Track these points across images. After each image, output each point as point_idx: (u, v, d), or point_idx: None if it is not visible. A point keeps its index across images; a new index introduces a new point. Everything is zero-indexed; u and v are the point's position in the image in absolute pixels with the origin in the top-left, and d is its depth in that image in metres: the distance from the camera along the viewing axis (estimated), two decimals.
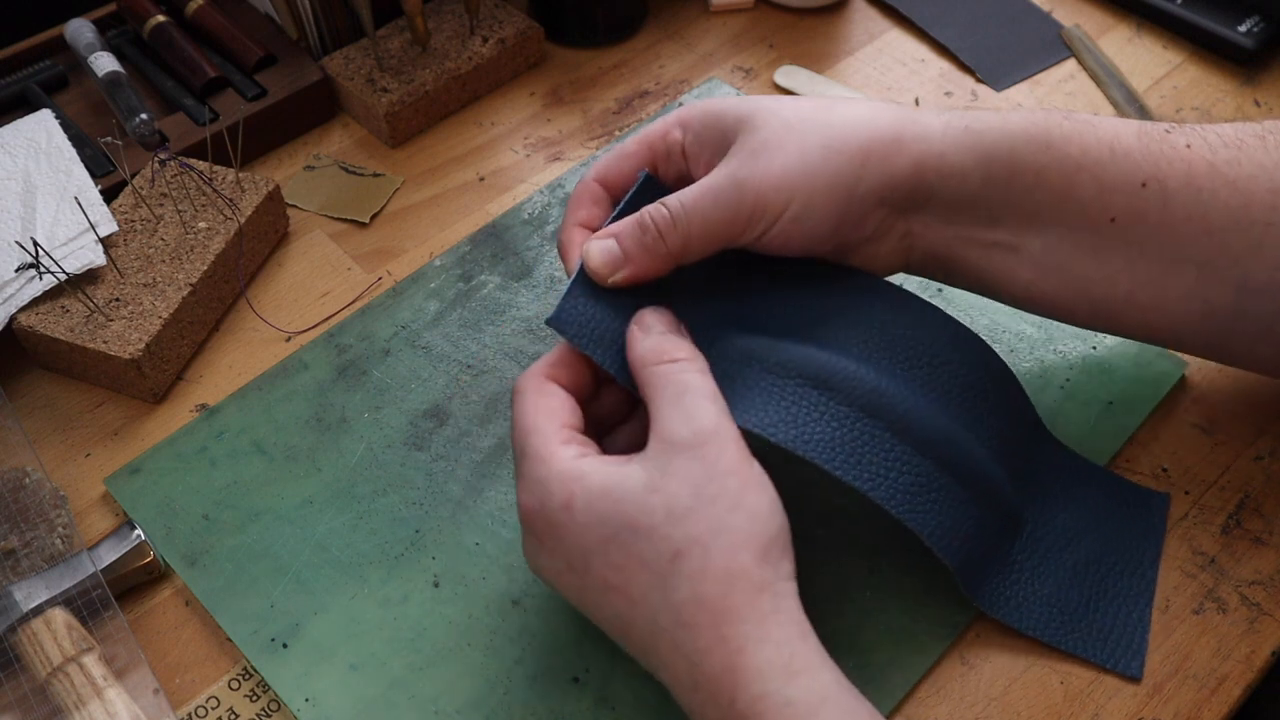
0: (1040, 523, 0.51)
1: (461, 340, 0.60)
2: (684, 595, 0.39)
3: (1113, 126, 0.48)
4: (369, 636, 0.49)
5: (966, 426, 0.48)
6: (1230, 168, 0.47)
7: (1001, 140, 0.47)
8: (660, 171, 0.51)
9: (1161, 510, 0.53)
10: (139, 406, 0.59)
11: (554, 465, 0.42)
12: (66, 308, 0.58)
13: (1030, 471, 0.52)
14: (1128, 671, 0.48)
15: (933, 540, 0.45)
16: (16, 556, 0.51)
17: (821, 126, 0.47)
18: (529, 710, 0.47)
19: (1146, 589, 0.50)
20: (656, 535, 0.40)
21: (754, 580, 0.39)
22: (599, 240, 0.47)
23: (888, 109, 0.49)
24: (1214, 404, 0.57)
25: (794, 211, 0.46)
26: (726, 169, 0.47)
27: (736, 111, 0.48)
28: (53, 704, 0.46)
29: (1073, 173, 0.47)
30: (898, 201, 0.48)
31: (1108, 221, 0.47)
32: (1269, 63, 0.76)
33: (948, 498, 0.46)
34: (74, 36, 0.72)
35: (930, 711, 0.47)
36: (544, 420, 0.43)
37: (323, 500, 0.54)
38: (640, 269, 0.46)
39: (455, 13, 0.75)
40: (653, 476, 0.41)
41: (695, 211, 0.46)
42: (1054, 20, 0.79)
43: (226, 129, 0.64)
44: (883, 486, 0.44)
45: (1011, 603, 0.49)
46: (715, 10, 0.80)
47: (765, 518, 0.40)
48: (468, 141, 0.72)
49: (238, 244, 0.61)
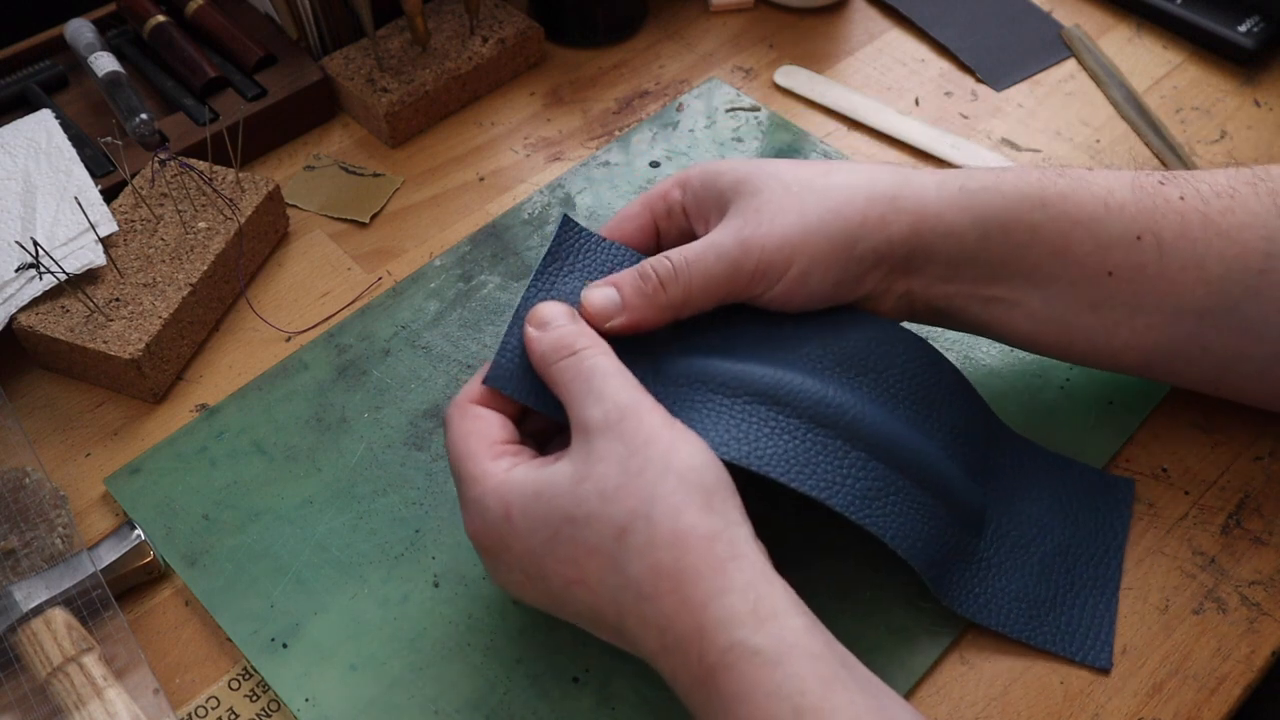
0: (1006, 518, 0.51)
1: (461, 340, 0.60)
2: (638, 569, 0.39)
3: (1106, 181, 0.49)
4: (369, 636, 0.49)
5: (919, 429, 0.49)
6: (1224, 217, 0.48)
7: (995, 200, 0.48)
8: (662, 230, 0.52)
9: (1127, 496, 0.53)
10: (139, 406, 0.59)
11: (487, 483, 0.43)
12: (66, 308, 0.58)
13: (991, 467, 0.52)
14: (1097, 663, 0.48)
15: (895, 543, 0.45)
16: (16, 556, 0.51)
17: (820, 191, 0.48)
18: (529, 710, 0.47)
19: (1112, 578, 0.50)
20: (595, 520, 0.40)
21: (702, 531, 0.39)
22: (598, 287, 0.47)
23: (884, 171, 0.50)
24: (1214, 404, 0.57)
25: (796, 271, 0.47)
26: (731, 226, 0.48)
27: (734, 173, 0.50)
28: (53, 704, 0.46)
29: (1068, 229, 0.48)
30: (896, 262, 0.49)
31: (1105, 275, 0.48)
32: (1269, 63, 0.76)
33: (906, 499, 0.46)
34: (74, 36, 0.72)
35: (930, 711, 0.47)
36: (473, 443, 0.44)
37: (323, 500, 0.54)
38: (637, 317, 0.47)
39: (455, 13, 0.75)
40: (578, 466, 0.41)
41: (698, 265, 0.47)
42: (1054, 20, 0.79)
43: (226, 129, 0.64)
44: (840, 494, 0.45)
45: (981, 599, 0.49)
46: (715, 10, 0.80)
47: (699, 471, 0.41)
48: (468, 141, 0.72)
49: (238, 244, 0.61)
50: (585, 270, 0.49)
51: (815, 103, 0.73)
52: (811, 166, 0.50)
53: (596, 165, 0.69)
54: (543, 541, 0.42)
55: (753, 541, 0.41)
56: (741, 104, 0.73)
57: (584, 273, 0.49)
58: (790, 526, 0.48)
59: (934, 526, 0.47)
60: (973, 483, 0.50)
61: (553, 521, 0.41)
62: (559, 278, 0.49)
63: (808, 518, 0.50)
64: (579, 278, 0.49)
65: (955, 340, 0.59)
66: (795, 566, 0.50)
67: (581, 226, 0.50)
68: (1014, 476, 0.52)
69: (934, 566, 0.47)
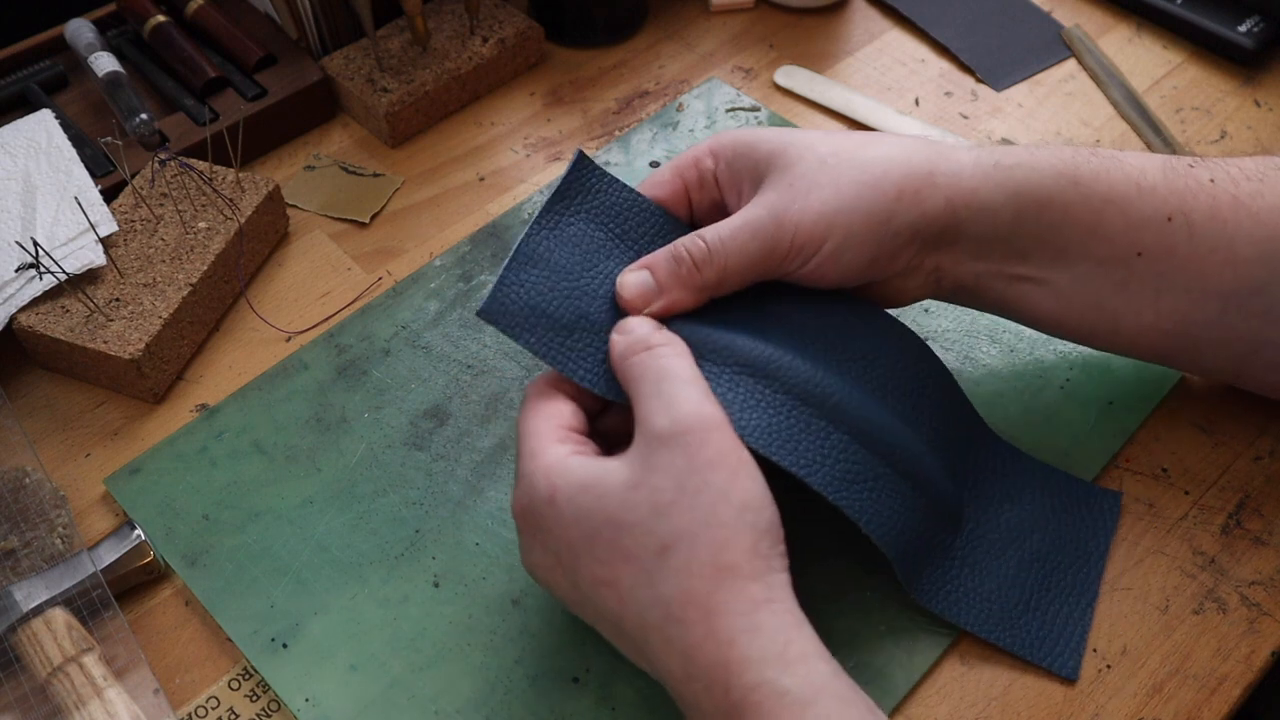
0: (984, 519, 0.51)
1: (461, 340, 0.60)
2: (671, 589, 0.39)
3: (1138, 162, 0.49)
4: (369, 636, 0.49)
5: (903, 420, 0.48)
6: (1253, 200, 0.48)
7: (1030, 177, 0.48)
8: (693, 199, 0.51)
9: (1113, 508, 0.52)
10: (139, 406, 0.59)
11: (540, 460, 0.43)
12: (66, 308, 0.58)
13: (971, 468, 0.52)
14: (1063, 672, 0.48)
15: (870, 528, 0.45)
16: (16, 556, 0.51)
17: (856, 163, 0.48)
18: (529, 710, 0.47)
19: (1089, 589, 0.50)
20: (640, 530, 0.40)
21: (743, 572, 0.39)
22: (633, 272, 0.47)
23: (919, 145, 0.49)
24: (1214, 404, 0.57)
25: (831, 246, 0.47)
26: (764, 202, 0.47)
27: (770, 144, 0.49)
28: (53, 704, 0.46)
29: (1100, 208, 0.48)
30: (929, 238, 0.49)
31: (1135, 255, 0.48)
32: (1269, 63, 0.76)
33: (886, 487, 0.46)
34: (74, 36, 0.72)
35: (930, 711, 0.47)
36: (540, 421, 0.44)
37: (323, 500, 0.54)
38: (674, 301, 0.47)
39: (455, 13, 0.75)
40: (635, 471, 0.41)
41: (733, 244, 0.47)
42: (1054, 20, 0.79)
43: (226, 129, 0.64)
44: (819, 472, 0.44)
45: (952, 597, 0.49)
46: (715, 10, 0.80)
47: (755, 509, 0.40)
48: (468, 141, 0.72)
49: (238, 244, 0.61)
50: (594, 214, 0.48)
51: (815, 103, 0.73)
52: (847, 138, 0.50)
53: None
54: (582, 535, 0.41)
55: (789, 588, 0.40)
56: (741, 104, 0.73)
57: (593, 216, 0.48)
58: (788, 526, 0.48)
59: (912, 518, 0.47)
60: (953, 481, 0.50)
61: (595, 519, 0.41)
62: (564, 217, 0.47)
63: (806, 517, 0.50)
64: (587, 221, 0.48)
65: (956, 340, 0.59)
66: (795, 567, 0.50)
67: (596, 165, 0.49)
68: (997, 480, 0.52)
69: (908, 558, 0.47)
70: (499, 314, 0.45)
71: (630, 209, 0.49)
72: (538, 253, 0.47)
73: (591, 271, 0.47)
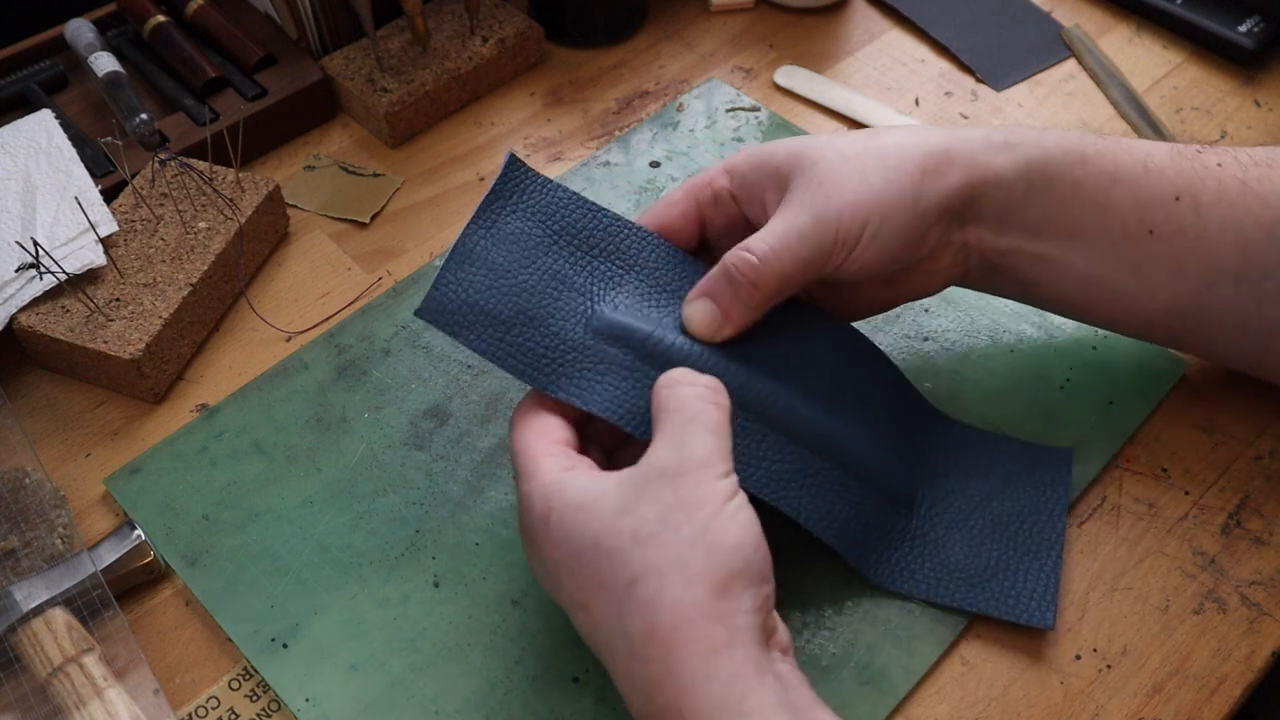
0: (940, 496, 0.52)
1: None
2: (637, 625, 0.39)
3: (1145, 146, 0.50)
4: (369, 636, 0.49)
5: (843, 416, 0.49)
6: (1261, 184, 0.49)
7: (1038, 153, 0.49)
8: (707, 218, 0.52)
9: (1066, 463, 0.53)
10: (139, 406, 0.59)
11: (536, 480, 0.43)
12: (66, 308, 0.58)
13: (923, 451, 0.53)
14: (1041, 623, 0.48)
15: (809, 523, 0.47)
16: (16, 556, 0.51)
17: (875, 152, 0.49)
18: (529, 710, 0.47)
19: (1055, 542, 0.50)
20: (617, 558, 0.40)
21: (705, 613, 0.38)
22: (697, 302, 0.48)
23: (931, 129, 0.51)
24: (1214, 404, 0.57)
25: (870, 231, 0.48)
26: (800, 204, 0.48)
27: (786, 150, 0.50)
28: (53, 704, 0.46)
29: (1109, 186, 0.49)
30: (954, 214, 0.49)
31: (1146, 233, 0.49)
32: (1269, 63, 0.76)
33: (824, 481, 0.47)
34: (74, 36, 0.72)
35: (930, 711, 0.47)
36: (532, 439, 0.44)
37: (323, 500, 0.54)
38: (740, 323, 0.47)
39: (455, 13, 0.75)
40: (626, 499, 0.41)
41: (786, 252, 0.47)
42: (1054, 20, 0.79)
43: (226, 129, 0.64)
44: (755, 476, 0.46)
45: (910, 573, 0.50)
46: (715, 10, 0.80)
47: (728, 551, 0.39)
48: (468, 141, 0.72)
49: (238, 244, 0.61)
50: (530, 213, 0.49)
51: (815, 103, 0.73)
52: (858, 134, 0.51)
53: (596, 165, 0.69)
54: (567, 555, 0.41)
55: (756, 633, 0.39)
56: (741, 104, 0.73)
57: (529, 214, 0.49)
58: (786, 528, 0.48)
59: (854, 507, 0.48)
60: (903, 466, 0.51)
61: (582, 541, 0.41)
62: (500, 216, 0.48)
63: None
64: (523, 219, 0.48)
65: (956, 340, 0.59)
66: (795, 567, 0.50)
67: (528, 167, 0.49)
68: (949, 457, 0.53)
69: (856, 545, 0.48)
70: (438, 313, 0.46)
71: (565, 206, 0.50)
72: (475, 252, 0.47)
73: (530, 268, 0.48)
